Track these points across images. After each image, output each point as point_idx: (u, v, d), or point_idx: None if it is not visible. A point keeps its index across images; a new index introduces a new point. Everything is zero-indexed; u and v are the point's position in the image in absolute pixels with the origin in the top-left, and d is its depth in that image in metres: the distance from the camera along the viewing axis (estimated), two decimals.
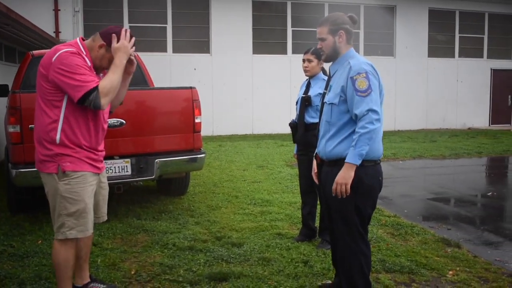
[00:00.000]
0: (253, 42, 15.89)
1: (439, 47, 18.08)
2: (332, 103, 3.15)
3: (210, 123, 15.04)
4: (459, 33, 18.22)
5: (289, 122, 4.99)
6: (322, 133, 3.26)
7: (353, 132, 3.02)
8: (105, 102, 3.08)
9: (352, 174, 2.96)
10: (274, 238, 4.97)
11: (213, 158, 10.48)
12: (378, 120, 2.95)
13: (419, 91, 17.69)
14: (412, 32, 17.45)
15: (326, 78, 4.55)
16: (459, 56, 18.29)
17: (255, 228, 5.34)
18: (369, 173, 3.07)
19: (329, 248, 4.57)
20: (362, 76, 2.98)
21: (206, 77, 15.32)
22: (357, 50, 16.47)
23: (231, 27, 15.50)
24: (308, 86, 4.85)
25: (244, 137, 15.02)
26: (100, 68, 3.31)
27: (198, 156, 5.86)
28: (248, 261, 4.34)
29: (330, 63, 3.35)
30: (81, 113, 3.16)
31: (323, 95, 3.38)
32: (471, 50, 18.47)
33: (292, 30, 16.20)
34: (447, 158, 11.07)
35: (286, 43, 16.18)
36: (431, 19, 17.74)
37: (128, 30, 3.22)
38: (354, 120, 3.04)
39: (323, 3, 16.30)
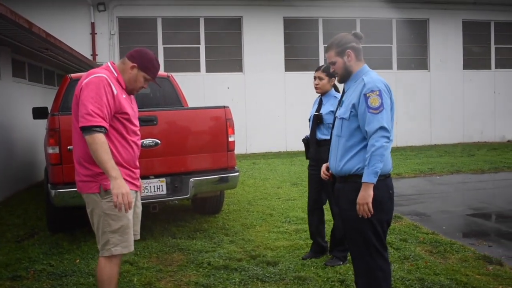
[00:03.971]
0: (285, 59, 15.94)
1: (474, 59, 17.71)
2: (342, 118, 3.17)
3: (243, 141, 15.09)
4: (495, 44, 17.83)
5: (302, 138, 5.02)
6: (332, 147, 3.29)
7: (363, 148, 3.05)
8: (88, 140, 3.07)
9: (371, 192, 2.96)
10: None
11: (247, 176, 10.50)
12: (388, 137, 2.98)
13: (455, 104, 17.33)
14: (446, 44, 17.18)
15: (337, 95, 4.69)
16: (496, 68, 17.88)
17: (290, 246, 5.31)
18: (379, 187, 3.02)
19: (339, 264, 4.62)
20: (376, 94, 3.00)
21: (239, 95, 15.43)
22: (390, 65, 16.56)
23: (263, 46, 15.61)
24: (320, 103, 4.91)
25: (278, 155, 15.00)
26: (135, 89, 3.39)
27: (232, 174, 5.89)
28: (284, 280, 4.31)
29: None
30: (115, 132, 3.24)
31: (336, 110, 3.39)
32: (508, 60, 18.02)
33: (324, 47, 16.11)
34: (486, 172, 10.78)
35: (318, 59, 16.15)
36: (465, 31, 17.42)
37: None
38: (365, 136, 3.06)
39: (355, 19, 16.22)
